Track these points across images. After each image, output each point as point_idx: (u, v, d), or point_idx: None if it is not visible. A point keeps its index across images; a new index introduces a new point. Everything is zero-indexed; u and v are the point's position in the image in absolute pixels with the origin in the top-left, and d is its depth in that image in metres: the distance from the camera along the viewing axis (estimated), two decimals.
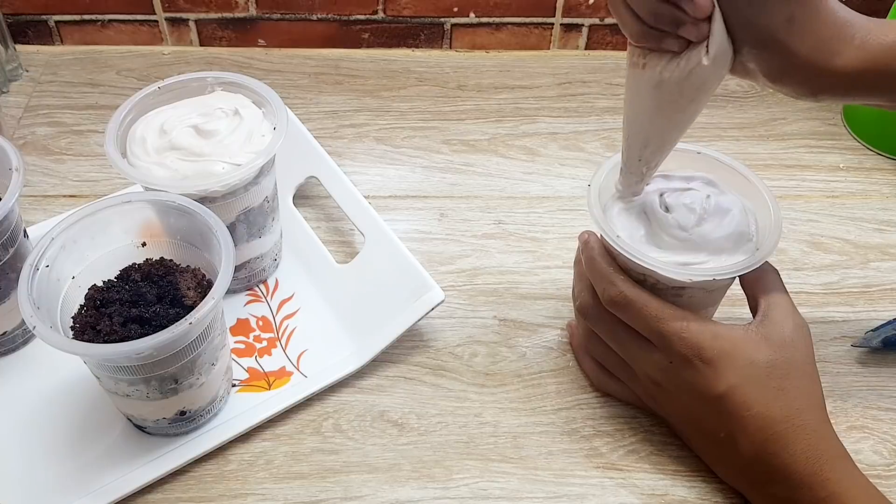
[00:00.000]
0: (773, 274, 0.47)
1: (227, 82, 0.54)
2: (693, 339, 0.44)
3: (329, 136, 0.68)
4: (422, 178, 0.66)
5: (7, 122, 0.68)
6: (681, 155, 0.48)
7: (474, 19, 0.75)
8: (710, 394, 0.44)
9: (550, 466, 0.49)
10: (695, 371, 0.44)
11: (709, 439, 0.46)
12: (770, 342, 0.44)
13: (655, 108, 0.42)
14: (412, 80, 0.74)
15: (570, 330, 0.54)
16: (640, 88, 0.42)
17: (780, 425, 0.42)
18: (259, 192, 0.52)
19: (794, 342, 0.44)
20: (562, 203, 0.64)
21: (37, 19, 0.74)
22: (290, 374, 0.52)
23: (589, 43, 0.77)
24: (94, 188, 0.64)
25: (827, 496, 0.41)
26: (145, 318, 0.44)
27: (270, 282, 0.57)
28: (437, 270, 0.58)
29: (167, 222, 0.48)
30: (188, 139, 0.50)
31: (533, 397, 0.52)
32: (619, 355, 0.49)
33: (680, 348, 0.44)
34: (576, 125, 0.70)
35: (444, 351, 0.54)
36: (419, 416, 0.51)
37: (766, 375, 0.43)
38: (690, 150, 0.49)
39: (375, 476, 0.48)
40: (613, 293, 0.46)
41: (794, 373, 0.43)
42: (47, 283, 0.44)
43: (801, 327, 0.45)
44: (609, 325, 0.48)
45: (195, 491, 0.47)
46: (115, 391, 0.45)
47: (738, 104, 0.73)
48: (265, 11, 0.74)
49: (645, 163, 0.45)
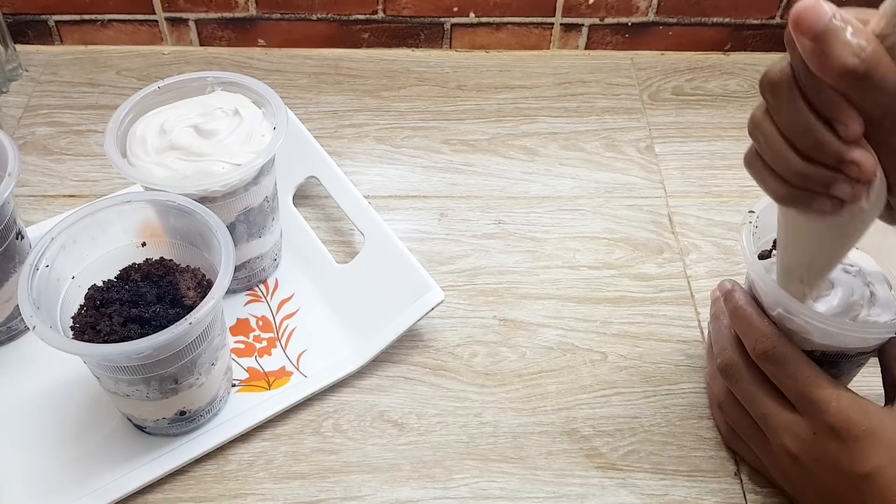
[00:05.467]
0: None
1: (227, 82, 0.54)
2: (844, 411, 0.41)
3: (329, 136, 0.68)
4: (422, 177, 0.66)
5: (7, 122, 0.68)
6: None
7: (474, 19, 0.75)
8: (854, 473, 0.41)
9: (550, 466, 0.49)
10: (840, 446, 0.41)
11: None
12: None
13: (816, 240, 0.38)
14: (412, 80, 0.74)
15: (707, 380, 0.52)
16: (797, 223, 0.38)
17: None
18: (259, 192, 0.52)
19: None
20: (562, 203, 0.64)
21: (37, 19, 0.74)
22: (290, 374, 0.52)
23: (589, 43, 0.77)
24: (94, 188, 0.64)
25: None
26: (145, 318, 0.44)
27: (270, 282, 0.57)
28: (437, 270, 0.58)
29: (167, 222, 0.48)
30: (188, 139, 0.50)
31: (533, 397, 0.52)
32: (757, 423, 0.45)
33: (828, 419, 0.41)
34: (576, 125, 0.70)
35: (444, 351, 0.54)
36: (419, 416, 0.51)
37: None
38: None
39: (375, 476, 0.48)
40: (767, 346, 0.43)
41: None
42: (47, 282, 0.44)
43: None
44: (751, 386, 0.44)
45: (195, 491, 0.47)
46: (115, 391, 0.45)
47: (738, 104, 0.73)
48: (265, 11, 0.74)
49: (807, 284, 0.42)
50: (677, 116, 0.71)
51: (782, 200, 0.36)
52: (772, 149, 0.35)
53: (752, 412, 0.45)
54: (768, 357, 0.43)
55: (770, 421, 0.44)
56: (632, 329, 0.56)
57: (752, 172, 0.37)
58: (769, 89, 0.34)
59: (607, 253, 0.60)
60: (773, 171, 0.35)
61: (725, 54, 0.78)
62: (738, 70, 0.76)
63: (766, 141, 0.35)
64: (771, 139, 0.35)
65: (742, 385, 0.45)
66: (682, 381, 0.53)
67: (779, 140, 0.34)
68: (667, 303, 0.57)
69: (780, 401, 0.44)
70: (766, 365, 0.43)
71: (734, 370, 0.45)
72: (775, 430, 0.44)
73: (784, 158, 0.34)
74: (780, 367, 0.43)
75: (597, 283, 0.58)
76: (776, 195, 0.36)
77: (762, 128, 0.35)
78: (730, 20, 0.75)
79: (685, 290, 0.58)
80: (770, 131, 0.35)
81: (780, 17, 0.75)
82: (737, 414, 0.47)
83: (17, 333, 0.53)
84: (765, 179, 0.36)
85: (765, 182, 0.36)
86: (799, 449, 0.43)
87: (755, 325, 0.44)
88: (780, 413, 0.43)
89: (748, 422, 0.46)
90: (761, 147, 0.36)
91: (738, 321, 0.45)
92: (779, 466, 0.45)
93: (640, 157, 0.68)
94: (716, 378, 0.49)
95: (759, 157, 0.36)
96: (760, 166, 0.36)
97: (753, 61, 0.77)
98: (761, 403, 0.44)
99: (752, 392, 0.45)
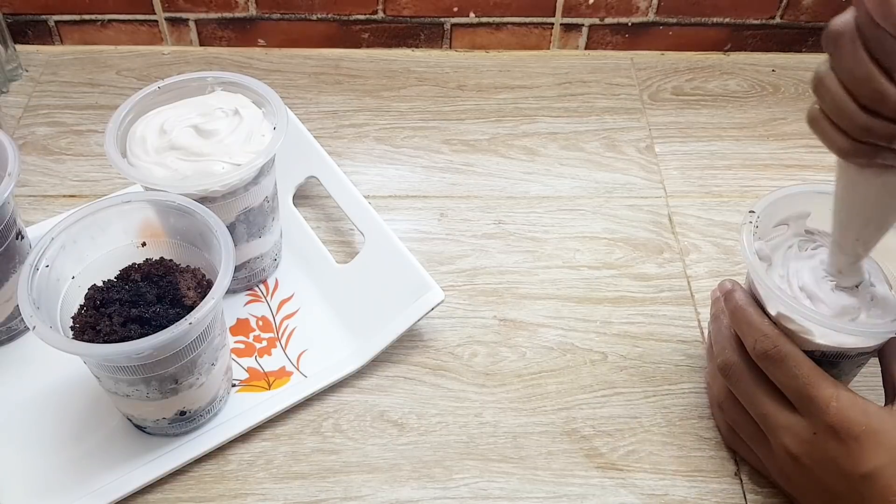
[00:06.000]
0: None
1: (227, 82, 0.54)
2: (844, 411, 0.41)
3: (329, 136, 0.68)
4: (422, 178, 0.66)
5: (7, 122, 0.68)
6: None
7: (474, 19, 0.75)
8: (854, 473, 0.41)
9: (550, 466, 0.49)
10: (840, 446, 0.41)
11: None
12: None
13: (876, 196, 0.39)
14: (412, 80, 0.74)
15: (707, 379, 0.52)
16: (856, 181, 0.39)
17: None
18: (259, 192, 0.52)
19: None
20: (562, 203, 0.64)
21: (37, 19, 0.74)
22: (290, 374, 0.52)
23: (589, 43, 0.77)
24: (94, 188, 0.64)
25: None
26: (145, 318, 0.44)
27: (270, 282, 0.57)
28: (437, 270, 0.58)
29: (167, 222, 0.48)
30: (188, 139, 0.50)
31: (533, 397, 0.52)
32: (757, 423, 0.45)
33: (827, 419, 0.41)
34: (576, 125, 0.70)
35: (444, 351, 0.54)
36: (419, 416, 0.51)
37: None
38: None
39: (375, 476, 0.48)
40: (767, 345, 0.43)
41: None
42: (47, 282, 0.44)
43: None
44: (751, 386, 0.45)
45: (195, 491, 0.47)
46: (115, 391, 0.45)
47: (738, 104, 0.73)
48: (265, 11, 0.74)
49: (863, 243, 0.42)
50: (677, 116, 0.71)
51: (845, 155, 0.37)
52: (835, 103, 0.35)
53: (752, 412, 0.45)
54: (768, 357, 0.43)
55: (770, 421, 0.44)
56: (632, 329, 0.56)
57: (816, 129, 0.37)
58: (832, 40, 0.34)
59: (607, 253, 0.60)
60: (837, 127, 0.36)
61: (725, 54, 0.78)
62: (738, 70, 0.76)
63: (829, 95, 0.35)
64: (834, 94, 0.35)
65: (742, 385, 0.45)
66: (682, 381, 0.53)
67: (842, 94, 0.35)
68: (667, 303, 0.57)
69: (780, 401, 0.44)
70: (765, 365, 0.43)
71: (734, 370, 0.46)
72: (775, 430, 0.44)
73: (847, 112, 0.35)
74: (779, 367, 0.43)
75: (597, 283, 0.58)
76: (840, 150, 0.36)
77: (826, 82, 0.35)
78: (730, 20, 0.75)
79: (685, 290, 0.58)
80: (833, 86, 0.35)
81: (780, 17, 0.75)
82: (737, 414, 0.47)
83: (17, 333, 0.53)
84: (828, 134, 0.36)
85: (828, 137, 0.37)
86: (799, 449, 0.43)
87: (755, 325, 0.44)
88: (780, 413, 0.43)
89: (748, 422, 0.46)
90: (824, 102, 0.36)
91: (738, 321, 0.45)
92: (779, 466, 0.45)
93: (640, 157, 0.68)
94: (716, 378, 0.49)
95: (823, 114, 0.37)
96: (824, 122, 0.36)
97: (753, 61, 0.77)
98: (761, 403, 0.44)
99: (751, 392, 0.45)
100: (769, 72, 0.76)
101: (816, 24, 0.76)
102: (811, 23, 0.75)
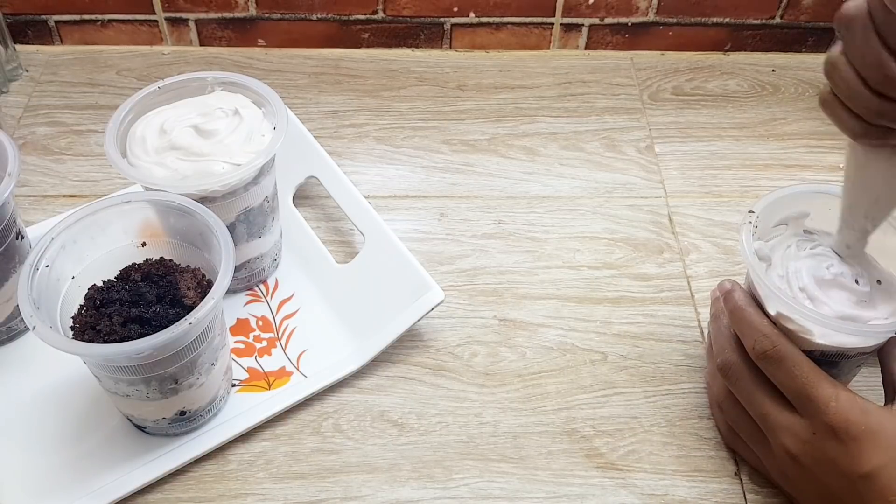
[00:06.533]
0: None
1: (227, 82, 0.54)
2: (843, 410, 0.41)
3: (329, 136, 0.68)
4: (422, 178, 0.66)
5: (7, 122, 0.68)
6: None
7: (474, 19, 0.75)
8: (853, 473, 0.41)
9: (550, 466, 0.49)
10: (839, 446, 0.41)
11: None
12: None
13: (885, 175, 0.40)
14: (412, 80, 0.74)
15: (707, 379, 0.52)
16: (867, 161, 0.40)
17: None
18: (259, 192, 0.52)
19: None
20: (562, 203, 0.64)
21: (37, 19, 0.74)
22: (290, 374, 0.52)
23: (589, 43, 0.77)
24: (94, 188, 0.64)
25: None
26: (145, 318, 0.44)
27: (270, 282, 0.57)
28: (437, 270, 0.58)
29: (167, 222, 0.48)
30: (188, 139, 0.50)
31: (533, 397, 0.52)
32: (756, 423, 0.45)
33: (827, 419, 0.41)
34: (576, 125, 0.70)
35: (444, 351, 0.54)
36: (419, 416, 0.51)
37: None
38: None
39: (375, 476, 0.48)
40: (766, 345, 0.43)
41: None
42: (47, 282, 0.44)
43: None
44: (751, 385, 0.45)
45: (195, 491, 0.47)
46: (115, 391, 0.45)
47: (738, 104, 0.73)
48: (265, 11, 0.74)
49: (871, 219, 0.43)
50: (677, 116, 0.71)
51: (857, 136, 0.38)
52: (847, 87, 0.36)
53: (752, 412, 0.45)
54: (768, 357, 0.43)
55: (770, 421, 0.44)
56: (632, 329, 0.56)
57: (828, 111, 0.38)
58: (844, 24, 0.35)
59: (607, 253, 0.60)
60: (849, 109, 0.36)
61: (725, 54, 0.78)
62: (738, 70, 0.76)
63: (841, 80, 0.36)
64: (846, 78, 0.36)
65: (742, 385, 0.45)
66: (682, 381, 0.53)
67: (854, 78, 0.36)
68: (667, 303, 0.57)
69: (780, 401, 0.44)
70: (765, 365, 0.43)
71: (734, 370, 0.46)
72: (775, 430, 0.44)
73: (859, 95, 0.36)
74: (779, 367, 0.43)
75: (597, 283, 0.58)
76: (852, 132, 0.38)
77: (838, 65, 0.36)
78: (730, 20, 0.75)
79: (685, 290, 0.58)
80: (845, 70, 0.36)
81: (780, 17, 0.75)
82: (737, 414, 0.47)
83: (17, 333, 0.53)
84: (840, 117, 0.37)
85: (840, 119, 0.37)
86: (798, 449, 0.43)
87: (755, 325, 0.44)
88: (779, 413, 0.43)
89: (748, 422, 0.46)
90: (836, 85, 0.37)
91: (738, 321, 0.45)
92: (778, 466, 0.45)
93: (640, 157, 0.68)
94: (716, 378, 0.49)
95: (835, 97, 0.37)
96: (836, 105, 0.37)
97: (753, 61, 0.77)
98: (761, 403, 0.44)
99: (751, 392, 0.45)
100: (769, 72, 0.76)
101: (816, 24, 0.76)
102: (811, 23, 0.75)
